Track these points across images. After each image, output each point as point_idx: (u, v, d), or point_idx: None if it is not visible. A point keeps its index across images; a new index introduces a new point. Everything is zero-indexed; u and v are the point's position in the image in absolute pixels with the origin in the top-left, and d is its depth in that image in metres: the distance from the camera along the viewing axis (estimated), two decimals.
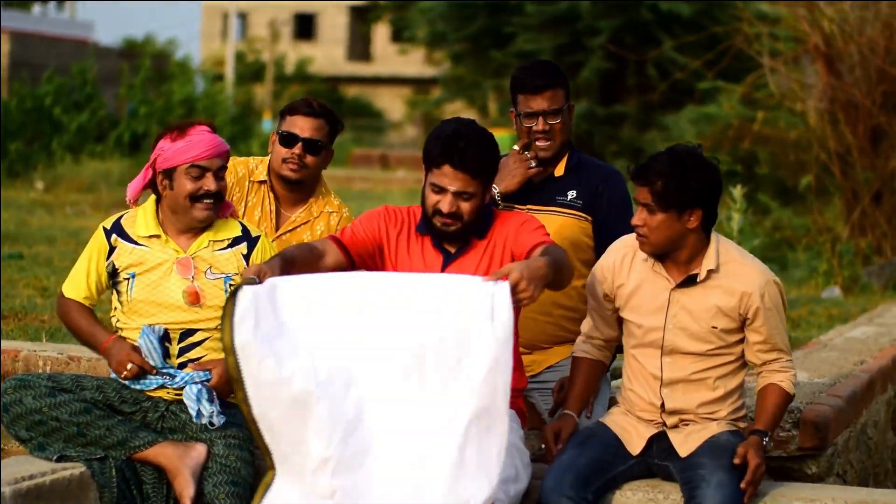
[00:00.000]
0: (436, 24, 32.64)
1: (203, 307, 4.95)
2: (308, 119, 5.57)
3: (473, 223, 4.78)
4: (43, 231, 14.15)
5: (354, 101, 63.04)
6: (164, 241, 5.00)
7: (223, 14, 64.21)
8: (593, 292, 4.92)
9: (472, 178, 4.70)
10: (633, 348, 4.85)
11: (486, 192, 4.80)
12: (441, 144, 4.70)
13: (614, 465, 4.74)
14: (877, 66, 13.48)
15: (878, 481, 6.81)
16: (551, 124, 5.38)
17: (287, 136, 5.55)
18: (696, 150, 4.72)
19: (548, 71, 5.42)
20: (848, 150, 13.58)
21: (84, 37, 41.35)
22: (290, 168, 5.55)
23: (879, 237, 13.45)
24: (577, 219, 5.42)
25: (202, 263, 4.99)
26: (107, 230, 5.07)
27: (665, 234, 4.67)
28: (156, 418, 4.97)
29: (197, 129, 4.98)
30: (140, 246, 5.01)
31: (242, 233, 5.08)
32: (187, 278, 4.96)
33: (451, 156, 4.67)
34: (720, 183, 4.74)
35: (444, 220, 4.74)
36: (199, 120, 5.10)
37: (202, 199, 4.94)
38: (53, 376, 4.96)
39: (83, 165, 24.03)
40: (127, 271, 5.00)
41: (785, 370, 4.76)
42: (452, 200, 4.71)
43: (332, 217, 5.67)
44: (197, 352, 4.98)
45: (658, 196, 4.62)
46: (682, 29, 27.56)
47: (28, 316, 7.57)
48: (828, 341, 7.79)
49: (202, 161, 4.93)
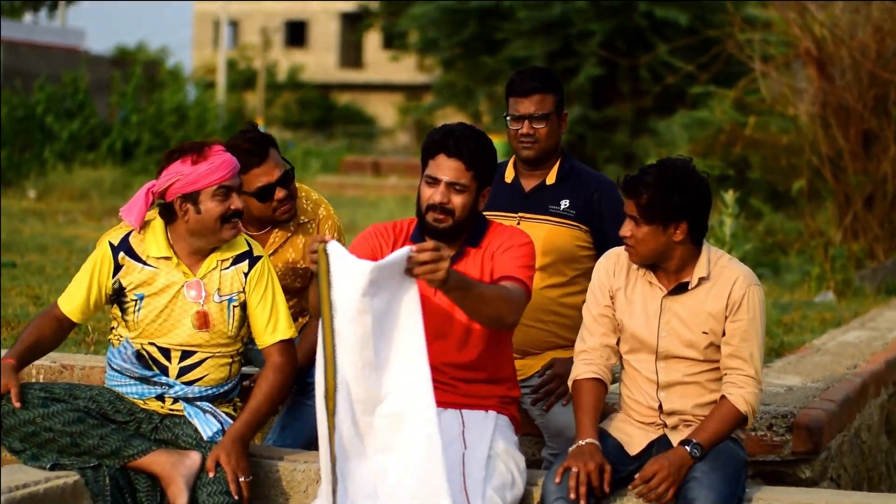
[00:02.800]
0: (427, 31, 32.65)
1: (210, 331, 4.94)
2: (264, 164, 5.42)
3: (464, 222, 4.79)
4: (35, 239, 14.12)
5: (346, 107, 63.11)
6: (174, 264, 4.96)
7: (215, 22, 64.22)
8: (596, 295, 4.90)
9: (466, 169, 4.72)
10: (628, 354, 4.85)
11: (479, 192, 4.80)
12: (437, 136, 4.77)
13: (615, 470, 4.73)
14: (868, 70, 13.50)
15: (872, 485, 6.81)
16: (536, 128, 5.37)
17: (262, 192, 5.41)
18: (687, 164, 4.73)
19: (539, 76, 5.41)
20: (840, 154, 13.60)
21: (75, 45, 41.31)
22: (284, 211, 5.47)
23: (872, 241, 13.47)
24: (570, 228, 5.41)
25: (211, 286, 4.97)
26: (114, 247, 5.01)
27: (651, 245, 4.69)
28: (149, 430, 4.97)
29: (215, 150, 4.94)
30: (149, 267, 4.97)
31: (247, 249, 5.06)
32: (198, 302, 4.94)
33: (446, 145, 4.73)
34: (708, 196, 4.74)
35: (436, 214, 4.75)
36: (212, 140, 5.06)
37: (230, 218, 4.93)
38: (46, 386, 4.95)
39: (75, 174, 24.01)
40: (135, 292, 4.96)
41: (742, 385, 4.70)
42: (445, 191, 4.73)
43: (309, 226, 5.61)
44: (198, 371, 4.97)
45: (643, 209, 4.65)
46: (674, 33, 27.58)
47: (21, 324, 7.55)
48: (821, 345, 7.80)
49: (228, 181, 4.91)
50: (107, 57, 42.94)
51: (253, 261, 5.03)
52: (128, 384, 5.00)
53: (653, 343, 4.77)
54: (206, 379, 4.97)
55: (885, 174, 13.46)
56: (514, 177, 5.54)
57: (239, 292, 4.98)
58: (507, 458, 4.67)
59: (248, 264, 5.02)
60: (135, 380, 4.98)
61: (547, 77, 5.42)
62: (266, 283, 5.01)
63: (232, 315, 4.96)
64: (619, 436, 4.83)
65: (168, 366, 4.95)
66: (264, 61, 57.37)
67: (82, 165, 24.97)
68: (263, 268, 5.03)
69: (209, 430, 4.90)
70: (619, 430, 4.85)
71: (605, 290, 4.86)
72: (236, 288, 4.98)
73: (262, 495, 5.02)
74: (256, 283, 5.00)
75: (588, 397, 4.80)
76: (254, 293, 4.99)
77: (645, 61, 26.06)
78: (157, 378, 4.96)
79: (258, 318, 4.99)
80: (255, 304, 4.98)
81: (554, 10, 29.01)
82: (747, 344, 4.70)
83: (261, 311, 4.99)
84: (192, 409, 4.96)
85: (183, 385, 4.96)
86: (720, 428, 4.67)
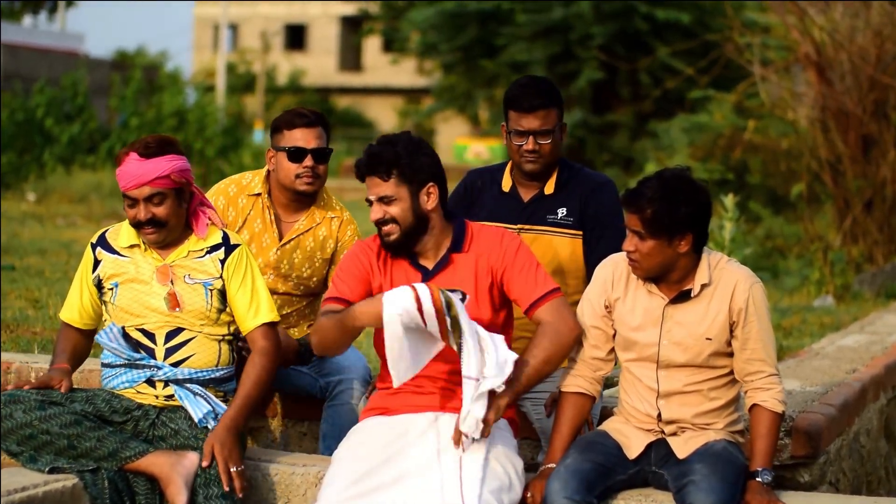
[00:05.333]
0: (427, 35, 32.68)
1: (183, 311, 5.02)
2: (309, 130, 5.58)
3: (416, 227, 4.79)
4: (34, 243, 14.12)
5: (346, 111, 63.06)
6: (143, 251, 5.08)
7: (214, 25, 64.22)
8: (591, 305, 4.89)
9: (384, 181, 4.75)
10: (628, 361, 4.85)
11: (416, 193, 4.78)
12: (360, 162, 4.80)
13: (615, 472, 4.74)
14: (867, 75, 13.50)
15: (871, 489, 6.81)
16: (541, 144, 5.32)
17: (296, 152, 5.55)
18: (686, 175, 4.72)
19: (542, 91, 5.32)
20: (839, 158, 13.60)
21: (75, 48, 41.31)
22: (306, 182, 5.57)
23: (871, 245, 13.47)
24: (570, 237, 5.38)
25: (180, 270, 5.05)
26: (93, 244, 5.17)
27: (657, 259, 4.68)
28: (147, 426, 4.99)
29: (128, 157, 5.00)
30: (122, 257, 5.10)
31: (223, 240, 5.13)
32: (166, 284, 5.01)
33: (359, 169, 4.80)
34: (710, 205, 4.74)
35: (383, 229, 4.80)
36: (139, 141, 5.06)
37: (140, 227, 5.00)
38: (43, 389, 4.97)
39: (74, 177, 24.02)
40: (111, 281, 5.08)
41: (769, 387, 4.72)
42: (377, 208, 4.78)
43: (333, 222, 5.70)
44: (184, 351, 5.03)
45: (648, 224, 4.63)
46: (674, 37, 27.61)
47: (20, 328, 7.55)
48: (820, 350, 7.79)
49: (130, 192, 4.97)
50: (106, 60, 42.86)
51: (229, 249, 5.11)
52: (120, 373, 5.04)
53: (654, 352, 4.76)
54: (194, 359, 5.03)
55: (885, 178, 13.46)
56: (512, 186, 5.49)
57: (216, 278, 5.06)
58: (504, 462, 4.67)
59: (225, 251, 5.10)
60: (125, 367, 5.03)
61: (549, 91, 5.34)
62: (245, 269, 5.10)
63: (210, 297, 5.04)
64: (618, 437, 4.83)
65: (154, 348, 5.02)
66: (264, 65, 57.37)
67: (81, 169, 24.98)
68: (241, 255, 5.11)
69: (199, 411, 4.96)
70: (618, 431, 4.85)
71: (601, 301, 4.85)
72: (212, 273, 5.06)
73: (262, 498, 5.02)
74: (235, 269, 5.08)
75: (567, 413, 4.85)
76: (233, 279, 5.07)
77: (645, 64, 26.07)
78: (144, 361, 5.01)
79: (239, 303, 5.07)
80: (236, 290, 5.07)
81: (555, 14, 29.02)
82: (762, 344, 4.71)
83: (241, 297, 5.07)
84: (183, 391, 5.00)
85: (171, 367, 5.01)
86: (771, 440, 4.70)
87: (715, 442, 4.73)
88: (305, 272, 5.66)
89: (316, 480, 5.00)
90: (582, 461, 4.68)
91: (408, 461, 4.62)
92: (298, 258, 5.64)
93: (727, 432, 4.79)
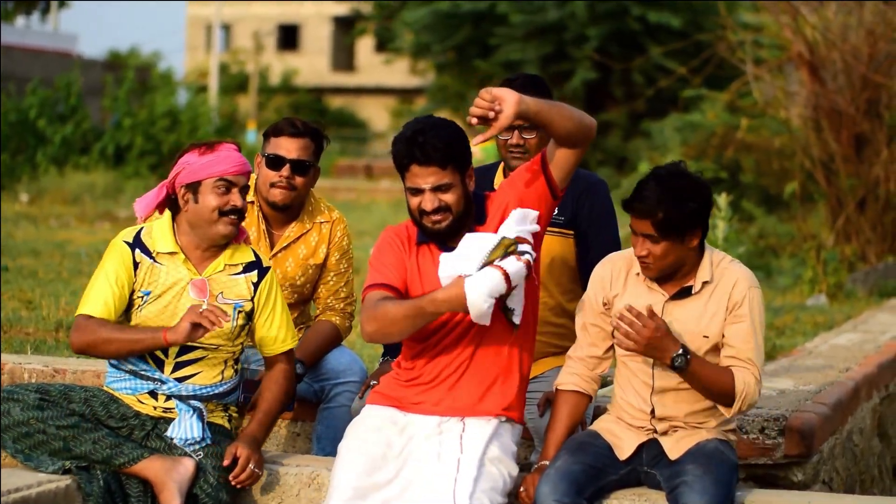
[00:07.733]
0: (420, 35, 32.67)
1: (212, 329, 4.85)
2: (294, 139, 5.52)
3: (465, 213, 4.76)
4: (27, 243, 14.09)
5: (339, 111, 63.07)
6: (181, 260, 4.98)
7: (207, 26, 64.19)
8: (590, 303, 4.89)
9: (442, 169, 4.67)
10: (624, 356, 4.84)
11: (465, 178, 4.76)
12: (402, 146, 4.69)
13: (606, 473, 4.74)
14: (860, 74, 13.51)
15: (864, 488, 6.82)
16: (526, 139, 5.29)
17: (273, 159, 5.50)
18: (682, 170, 4.71)
19: (525, 86, 5.27)
20: (832, 157, 13.62)
21: (68, 49, 41.27)
22: (280, 191, 5.50)
23: (864, 244, 13.49)
24: (562, 236, 5.37)
25: (215, 287, 4.98)
26: (129, 244, 5.00)
27: (671, 259, 4.68)
28: (141, 436, 4.97)
29: (225, 145, 4.99)
30: (157, 263, 4.98)
31: (255, 259, 5.08)
32: (201, 301, 4.93)
33: (413, 154, 4.66)
34: (711, 196, 4.76)
35: (432, 218, 4.71)
36: (227, 139, 5.11)
37: (228, 214, 4.93)
38: (41, 387, 4.97)
39: (67, 177, 23.97)
40: (143, 288, 4.97)
41: (748, 373, 4.66)
42: (432, 196, 4.69)
43: (323, 226, 5.66)
44: (193, 367, 4.98)
45: (660, 226, 4.61)
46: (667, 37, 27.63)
47: (13, 328, 7.54)
48: (813, 349, 7.80)
49: (230, 176, 4.93)
50: (99, 61, 42.87)
51: (262, 272, 5.06)
52: (124, 378, 5.00)
53: None
54: (200, 377, 4.99)
55: (877, 177, 13.48)
56: None
57: (247, 300, 5.01)
58: (499, 465, 4.67)
59: (258, 275, 5.05)
60: (129, 374, 4.98)
61: (535, 85, 5.35)
62: (276, 295, 5.08)
63: (236, 318, 4.98)
64: (609, 438, 4.82)
65: (164, 360, 4.97)
66: (257, 65, 57.36)
67: (75, 169, 24.92)
68: (273, 280, 5.08)
69: (186, 432, 4.90)
70: (609, 432, 4.85)
71: (599, 299, 4.86)
72: (244, 295, 5.01)
73: (254, 498, 5.02)
74: (267, 295, 5.05)
75: (563, 411, 4.85)
76: (265, 306, 5.04)
77: (638, 64, 26.08)
78: (150, 373, 4.96)
79: (268, 329, 5.05)
80: (266, 316, 5.04)
81: (549, 15, 29.03)
82: (749, 346, 4.68)
83: (270, 324, 5.05)
84: (184, 406, 4.96)
85: (175, 381, 4.96)
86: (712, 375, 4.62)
87: (707, 442, 4.73)
88: (299, 280, 5.63)
89: (309, 481, 5.01)
90: (572, 463, 4.68)
91: (408, 465, 4.65)
92: (291, 266, 5.60)
93: (720, 431, 4.79)
